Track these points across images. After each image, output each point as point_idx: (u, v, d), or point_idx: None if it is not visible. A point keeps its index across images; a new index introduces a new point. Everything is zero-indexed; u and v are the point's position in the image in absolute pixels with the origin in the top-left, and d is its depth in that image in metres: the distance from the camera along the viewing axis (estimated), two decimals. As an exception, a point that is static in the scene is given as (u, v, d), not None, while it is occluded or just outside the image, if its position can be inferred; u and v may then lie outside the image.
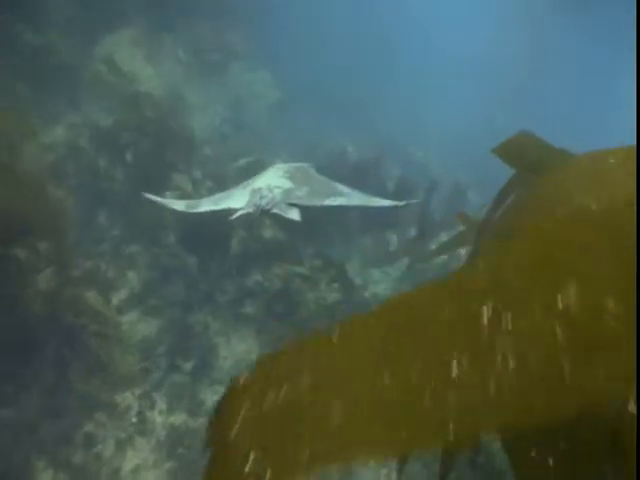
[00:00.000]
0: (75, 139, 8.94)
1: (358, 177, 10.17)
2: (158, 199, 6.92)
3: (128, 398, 5.73)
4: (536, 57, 19.17)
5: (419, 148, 16.45)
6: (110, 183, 8.57)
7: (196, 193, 8.90)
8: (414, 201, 7.45)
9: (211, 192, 8.82)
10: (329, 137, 15.00)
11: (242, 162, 10.36)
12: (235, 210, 5.78)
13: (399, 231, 9.71)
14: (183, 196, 8.52)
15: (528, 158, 2.65)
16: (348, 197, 6.08)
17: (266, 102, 13.60)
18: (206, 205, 6.33)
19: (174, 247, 7.96)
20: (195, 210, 6.36)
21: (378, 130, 15.53)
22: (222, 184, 9.09)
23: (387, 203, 6.14)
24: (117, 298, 6.91)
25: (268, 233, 8.70)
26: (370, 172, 10.75)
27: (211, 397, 6.41)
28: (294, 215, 5.56)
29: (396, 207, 6.35)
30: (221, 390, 5.38)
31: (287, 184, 6.05)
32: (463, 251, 10.71)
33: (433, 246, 9.80)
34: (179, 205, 6.51)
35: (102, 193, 8.47)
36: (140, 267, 7.58)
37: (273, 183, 6.03)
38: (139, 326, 6.57)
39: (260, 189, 5.87)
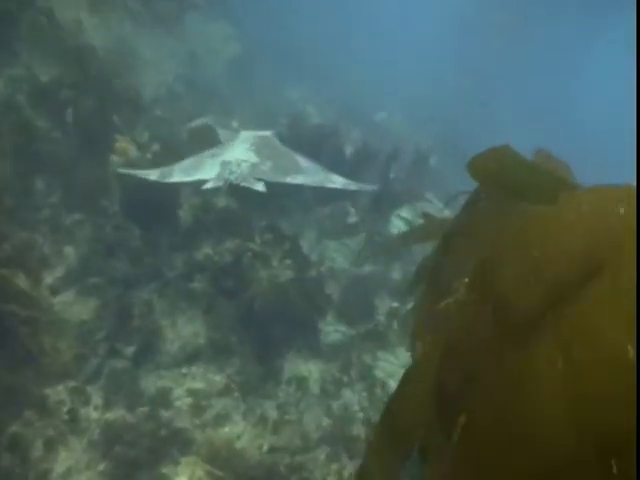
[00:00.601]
0: (12, 95, 8.20)
1: (317, 141, 9.70)
2: (131, 171, 7.05)
3: (60, 392, 5.27)
4: (510, 25, 18.64)
5: (383, 109, 15.97)
6: (49, 145, 7.91)
7: (142, 156, 8.33)
8: (368, 187, 7.67)
9: (158, 156, 8.28)
10: (289, 97, 14.42)
11: (194, 124, 9.78)
12: (205, 181, 6.43)
13: (357, 202, 9.30)
14: (128, 161, 7.96)
15: (508, 183, 2.25)
16: (307, 175, 6.83)
17: (224, 57, 12.85)
18: (178, 175, 6.78)
19: (118, 217, 7.43)
20: (168, 180, 6.78)
21: (342, 91, 14.97)
22: (171, 147, 8.54)
23: (340, 185, 6.91)
24: (52, 276, 6.38)
25: (221, 202, 8.24)
26: (330, 136, 10.24)
27: (154, 384, 6.02)
28: (260, 187, 6.32)
29: (349, 188, 7.14)
30: (166, 375, 5.01)
31: (253, 158, 6.75)
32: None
33: (392, 218, 9.49)
34: (152, 175, 6.85)
35: (40, 156, 7.81)
36: (79, 239, 7.05)
37: (241, 157, 6.71)
38: (75, 308, 6.07)
39: (229, 163, 6.55)
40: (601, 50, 22.80)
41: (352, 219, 9.05)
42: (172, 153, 7.98)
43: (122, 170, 7.05)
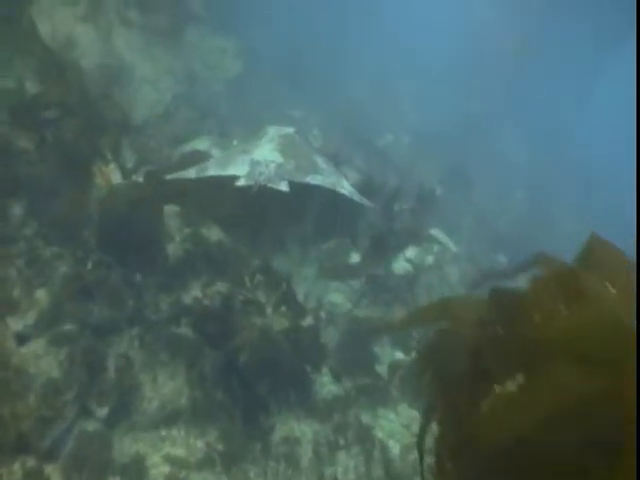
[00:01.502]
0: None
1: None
2: (174, 175, 7.31)
3: (15, 471, 4.59)
4: (524, 48, 17.99)
5: (390, 131, 15.34)
6: (28, 167, 7.23)
7: (127, 184, 7.66)
8: (368, 203, 7.87)
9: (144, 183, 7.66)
10: (291, 116, 13.88)
11: (188, 148, 9.16)
12: (237, 177, 6.99)
13: (358, 239, 8.63)
14: (111, 188, 7.34)
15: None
16: (323, 176, 7.38)
17: (225, 74, 12.17)
18: (213, 170, 7.23)
19: (99, 250, 6.76)
20: (204, 174, 7.21)
21: (347, 110, 14.34)
22: (159, 173, 7.89)
23: (347, 192, 7.46)
24: (22, 322, 5.69)
25: (213, 236, 7.63)
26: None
27: (128, 448, 5.38)
28: (284, 187, 6.88)
29: (353, 198, 7.57)
30: (143, 438, 4.35)
31: (279, 158, 7.28)
32: (430, 259, 9.84)
33: (398, 260, 8.87)
34: (190, 174, 7.28)
35: (18, 179, 7.13)
36: (55, 277, 6.36)
37: (269, 157, 7.25)
38: (44, 361, 5.39)
39: (259, 163, 7.12)
40: (605, 85, 22.28)
41: (354, 258, 8.41)
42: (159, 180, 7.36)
43: (168, 177, 7.30)
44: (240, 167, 7.16)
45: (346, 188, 7.56)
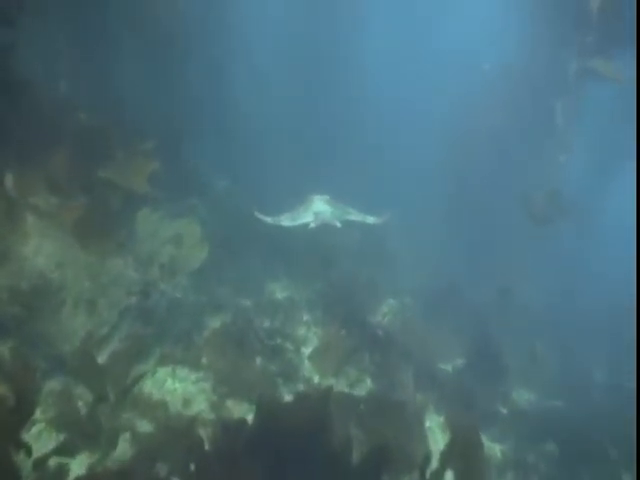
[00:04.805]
0: None
1: (299, 447, 6.16)
2: (260, 216, 9.99)
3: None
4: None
5: (391, 297, 12.95)
6: None
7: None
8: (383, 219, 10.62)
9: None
10: (271, 297, 11.62)
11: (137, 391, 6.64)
12: (307, 224, 9.87)
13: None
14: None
15: None
16: (355, 215, 10.52)
17: (190, 268, 9.63)
18: (286, 221, 10.04)
19: None
20: (279, 223, 9.99)
21: (337, 284, 11.89)
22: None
23: (372, 222, 10.59)
24: None
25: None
26: (319, 432, 6.41)
27: None
28: (337, 224, 9.82)
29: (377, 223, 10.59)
30: None
31: (329, 209, 10.25)
32: None
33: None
34: (267, 219, 10.01)
35: None
36: None
37: (323, 209, 10.21)
38: None
39: (319, 212, 10.05)
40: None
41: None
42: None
43: (258, 215, 9.93)
44: (307, 217, 9.94)
45: (370, 220, 10.52)
